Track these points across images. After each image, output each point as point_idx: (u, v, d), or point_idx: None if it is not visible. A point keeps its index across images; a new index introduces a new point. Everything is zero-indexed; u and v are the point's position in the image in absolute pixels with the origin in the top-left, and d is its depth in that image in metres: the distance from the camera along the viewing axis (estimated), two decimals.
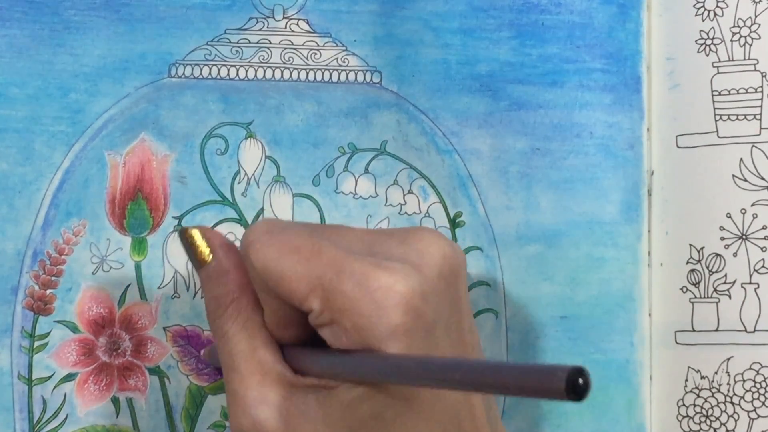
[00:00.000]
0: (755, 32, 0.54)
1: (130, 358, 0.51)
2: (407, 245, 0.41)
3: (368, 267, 0.39)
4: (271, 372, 0.42)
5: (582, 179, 0.54)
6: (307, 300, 0.40)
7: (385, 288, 0.39)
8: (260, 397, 0.41)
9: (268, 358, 0.42)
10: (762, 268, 0.53)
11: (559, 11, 0.54)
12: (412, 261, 0.40)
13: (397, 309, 0.39)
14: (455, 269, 0.42)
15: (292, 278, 0.40)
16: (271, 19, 0.53)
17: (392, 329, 0.39)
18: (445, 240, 0.42)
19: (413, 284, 0.39)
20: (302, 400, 0.41)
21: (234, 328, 0.43)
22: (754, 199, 0.53)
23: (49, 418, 0.50)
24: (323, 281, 0.40)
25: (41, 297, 0.50)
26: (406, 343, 0.39)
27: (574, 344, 0.53)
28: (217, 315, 0.43)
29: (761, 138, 0.53)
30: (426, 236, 0.42)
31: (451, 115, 0.53)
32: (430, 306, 0.40)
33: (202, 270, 0.44)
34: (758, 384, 0.53)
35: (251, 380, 0.42)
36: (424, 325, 0.39)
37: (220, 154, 0.52)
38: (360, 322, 0.39)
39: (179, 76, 0.52)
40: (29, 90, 0.51)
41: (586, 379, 0.30)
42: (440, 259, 0.41)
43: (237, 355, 0.42)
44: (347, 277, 0.39)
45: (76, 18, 0.51)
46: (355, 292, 0.39)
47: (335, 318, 0.40)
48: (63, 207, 0.51)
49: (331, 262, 0.40)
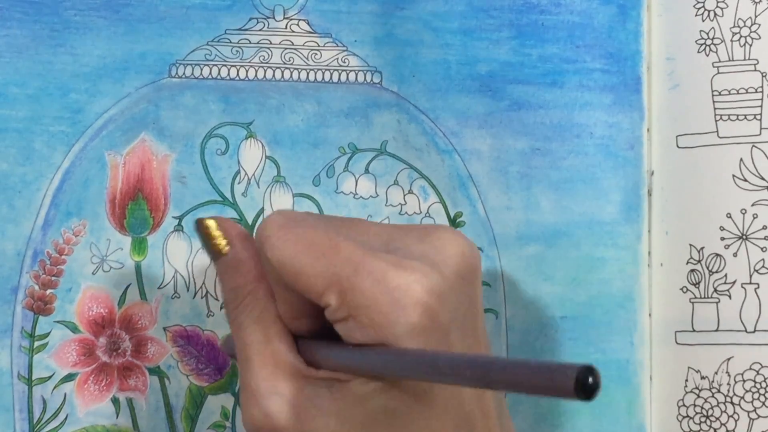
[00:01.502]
0: (755, 32, 0.54)
1: (130, 359, 0.51)
2: (426, 243, 0.41)
3: (387, 265, 0.39)
4: (284, 363, 0.42)
5: (582, 179, 0.54)
6: (325, 295, 0.40)
7: (404, 286, 0.39)
8: (272, 388, 0.41)
9: (281, 350, 0.42)
10: (762, 268, 0.53)
11: (559, 11, 0.54)
12: (431, 259, 0.40)
13: (416, 308, 0.39)
14: (473, 268, 0.42)
15: (310, 274, 0.40)
16: (272, 19, 0.53)
17: (409, 328, 0.39)
18: (464, 239, 0.42)
19: (432, 284, 0.39)
20: (315, 392, 0.41)
21: (249, 319, 0.43)
22: (754, 199, 0.53)
23: (49, 418, 0.50)
24: (341, 277, 0.39)
25: (41, 297, 0.50)
26: (422, 342, 0.39)
27: (574, 344, 0.53)
28: (234, 306, 0.43)
29: (761, 138, 0.53)
30: (445, 234, 0.42)
31: (452, 115, 0.53)
32: (447, 306, 0.40)
33: (219, 261, 0.44)
34: (758, 384, 0.53)
35: (264, 371, 0.41)
36: (441, 325, 0.39)
37: (220, 154, 0.52)
38: (377, 320, 0.39)
39: (179, 76, 0.52)
40: (29, 90, 0.51)
41: (596, 378, 0.30)
42: (459, 258, 0.41)
43: (251, 345, 0.42)
44: (366, 274, 0.39)
45: (76, 18, 0.51)
46: (374, 289, 0.39)
47: (352, 314, 0.39)
48: (63, 207, 0.51)
49: (349, 259, 0.40)
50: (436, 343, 0.39)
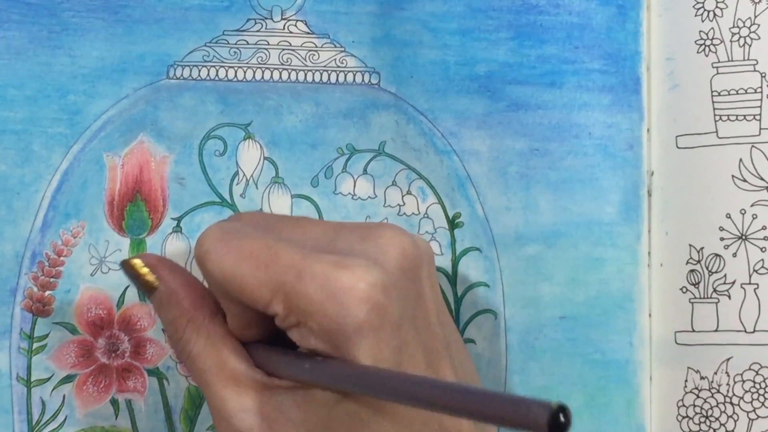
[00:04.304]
0: (755, 33, 0.54)
1: (129, 360, 0.51)
2: (368, 241, 0.41)
3: (329, 267, 0.39)
4: (244, 379, 0.42)
5: (581, 180, 0.54)
6: (271, 305, 0.40)
7: (347, 286, 0.39)
8: (239, 406, 0.41)
9: (238, 367, 0.42)
10: (761, 268, 0.53)
11: (557, 12, 0.54)
12: (373, 257, 0.40)
13: (361, 306, 0.39)
14: (416, 264, 0.42)
15: (253, 285, 0.40)
16: (269, 20, 0.53)
17: (358, 327, 0.38)
18: (406, 235, 0.42)
19: (375, 280, 0.39)
20: (280, 402, 0.41)
21: (197, 347, 0.43)
22: (754, 200, 0.53)
23: (48, 419, 0.50)
24: (285, 285, 0.39)
25: (40, 298, 0.50)
26: (373, 340, 0.39)
27: (574, 344, 0.53)
28: (177, 338, 0.43)
29: (761, 138, 0.53)
30: (387, 232, 0.42)
31: (450, 116, 0.53)
32: (393, 301, 0.39)
33: (153, 297, 0.44)
34: (758, 384, 0.52)
35: (226, 391, 0.42)
36: (390, 320, 0.39)
37: (218, 155, 0.52)
38: (326, 323, 0.39)
39: (177, 77, 0.52)
40: (27, 91, 0.51)
41: (568, 416, 0.30)
42: (400, 255, 0.41)
43: (207, 371, 0.42)
44: (309, 279, 0.39)
45: (74, 19, 0.51)
46: (318, 293, 0.39)
47: (301, 320, 0.39)
48: (61, 208, 0.51)
49: (291, 265, 0.39)
50: (388, 340, 0.39)
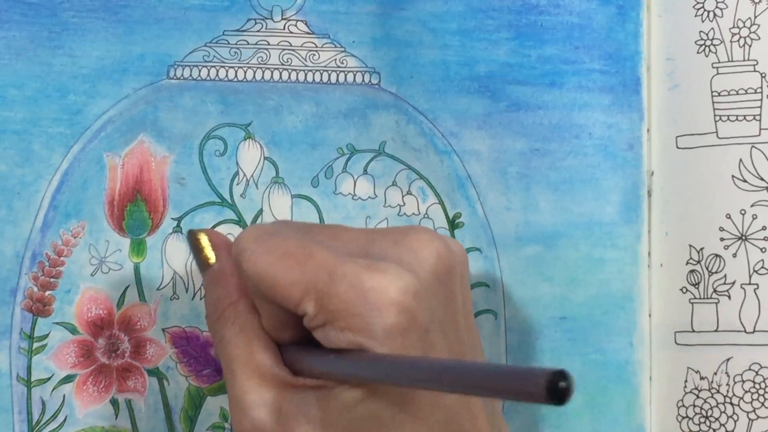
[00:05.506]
0: (755, 33, 0.54)
1: (129, 360, 0.51)
2: (401, 245, 0.41)
3: (360, 269, 0.39)
4: (268, 374, 0.42)
5: (581, 180, 0.54)
6: (302, 304, 0.40)
7: (378, 289, 0.39)
8: (258, 399, 0.42)
9: (265, 361, 0.42)
10: (761, 268, 0.53)
11: (558, 12, 0.54)
12: (406, 261, 0.40)
13: (391, 309, 0.39)
14: (450, 268, 0.42)
15: (285, 284, 0.40)
16: (270, 20, 0.53)
17: (387, 329, 0.39)
18: (440, 239, 0.42)
19: (406, 285, 0.39)
20: (301, 400, 0.41)
21: (231, 332, 0.43)
22: (754, 200, 0.53)
23: (48, 419, 0.50)
24: (316, 285, 0.40)
25: (40, 298, 0.50)
26: (400, 343, 0.39)
27: (574, 345, 0.53)
28: (215, 318, 0.44)
29: (761, 139, 0.53)
30: (420, 236, 0.42)
31: (450, 116, 0.53)
32: (423, 306, 0.40)
33: (205, 273, 0.45)
34: (757, 384, 0.52)
35: (249, 383, 0.42)
36: (419, 324, 0.39)
37: (218, 155, 0.52)
38: (354, 324, 0.39)
39: (178, 77, 0.52)
40: (28, 91, 0.51)
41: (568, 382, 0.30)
42: (434, 259, 0.41)
43: (235, 359, 0.42)
44: (340, 279, 0.39)
45: (74, 20, 0.51)
46: (349, 294, 0.39)
47: (329, 320, 0.40)
48: (62, 208, 0.51)
49: (323, 265, 0.40)
50: (416, 343, 0.39)
